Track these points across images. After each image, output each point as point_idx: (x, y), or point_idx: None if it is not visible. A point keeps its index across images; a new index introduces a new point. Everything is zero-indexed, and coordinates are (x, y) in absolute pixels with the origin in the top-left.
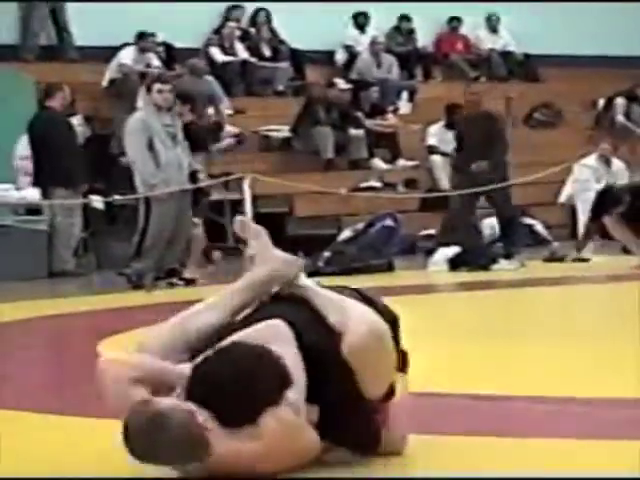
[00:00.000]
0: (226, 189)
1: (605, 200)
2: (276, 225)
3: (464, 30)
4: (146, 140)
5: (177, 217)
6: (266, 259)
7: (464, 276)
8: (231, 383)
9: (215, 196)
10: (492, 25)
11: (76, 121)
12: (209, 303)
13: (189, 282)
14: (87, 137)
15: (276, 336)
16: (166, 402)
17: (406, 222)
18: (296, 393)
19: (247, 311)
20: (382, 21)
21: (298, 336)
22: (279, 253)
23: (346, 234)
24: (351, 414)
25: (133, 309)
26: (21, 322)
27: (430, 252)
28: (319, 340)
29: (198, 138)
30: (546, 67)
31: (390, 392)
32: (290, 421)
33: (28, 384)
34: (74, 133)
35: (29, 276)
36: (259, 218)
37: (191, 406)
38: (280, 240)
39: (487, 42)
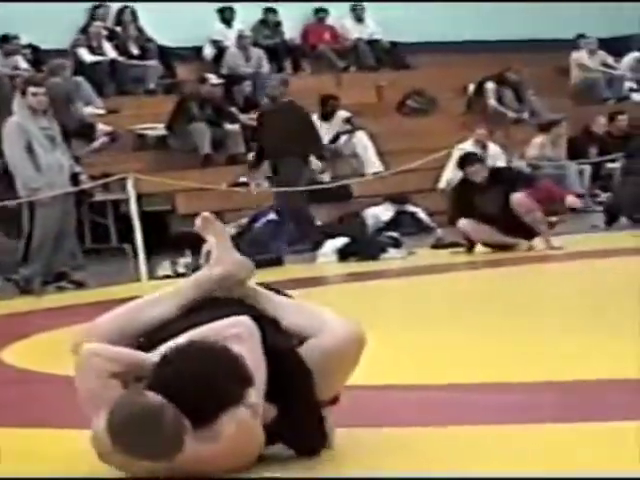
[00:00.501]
0: (107, 190)
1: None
2: (159, 223)
3: (330, 21)
4: (24, 144)
5: (62, 220)
6: (223, 259)
7: (354, 266)
8: (193, 383)
9: (97, 197)
10: (358, 15)
11: None
12: (156, 298)
13: (79, 285)
14: None
15: (240, 335)
16: (156, 397)
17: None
18: (256, 395)
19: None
20: (248, 14)
21: (263, 334)
22: (235, 255)
23: (231, 231)
24: (305, 415)
25: (26, 315)
26: None
27: (315, 244)
28: (279, 340)
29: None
30: (415, 54)
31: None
32: (248, 424)
33: None
34: None
35: None
36: (142, 217)
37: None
38: (164, 238)
39: (354, 32)
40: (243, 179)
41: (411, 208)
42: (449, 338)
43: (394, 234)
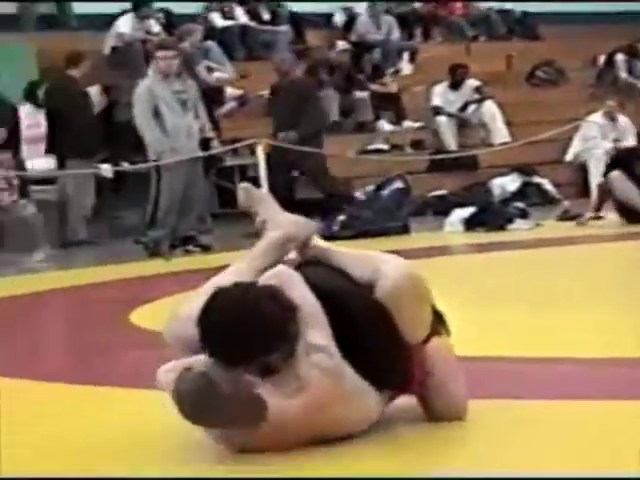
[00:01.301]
0: (235, 154)
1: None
2: (285, 188)
3: None
4: (151, 108)
5: (189, 184)
6: (278, 223)
7: (480, 237)
8: (234, 322)
9: (226, 162)
10: None
11: (94, 91)
12: (235, 270)
13: (205, 248)
14: (103, 107)
15: (284, 279)
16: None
17: (415, 184)
18: (324, 338)
19: None
20: None
21: (315, 287)
22: (289, 216)
23: (358, 197)
24: (389, 356)
25: (153, 278)
26: (43, 294)
27: (441, 212)
28: (340, 289)
29: None
30: (545, 25)
31: (426, 339)
32: (328, 366)
33: (57, 356)
34: (91, 103)
35: (41, 246)
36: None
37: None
38: (291, 204)
39: (485, 1)
40: (371, 146)
41: (537, 179)
42: (577, 315)
43: (521, 205)
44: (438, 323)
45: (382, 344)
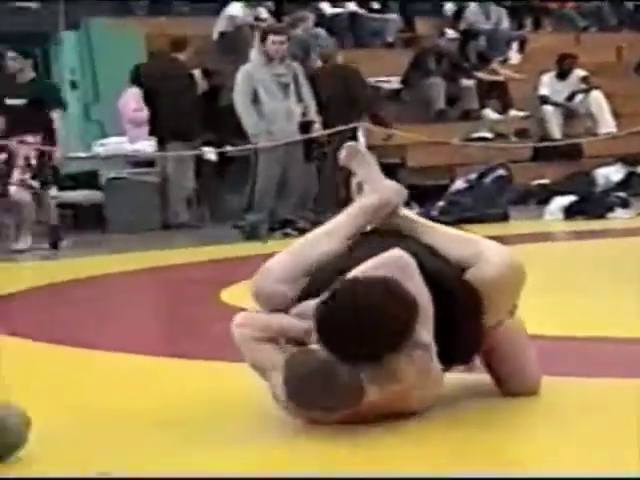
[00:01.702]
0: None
1: None
2: (389, 176)
3: None
4: (250, 91)
5: (286, 168)
6: (376, 187)
7: (580, 225)
8: (364, 316)
9: (326, 147)
10: None
11: (196, 74)
12: (326, 230)
13: (304, 232)
14: (204, 90)
15: (402, 269)
16: (323, 354)
17: (518, 172)
18: (428, 334)
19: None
20: None
21: (421, 266)
22: (387, 182)
23: (459, 184)
24: (469, 337)
25: (249, 259)
26: (141, 272)
27: (542, 201)
28: (442, 269)
29: None
30: None
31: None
32: (426, 364)
33: (154, 331)
34: (195, 86)
35: (143, 228)
36: None
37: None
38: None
39: None
40: (476, 134)
41: None
42: None
43: (622, 194)
44: None
45: (468, 326)
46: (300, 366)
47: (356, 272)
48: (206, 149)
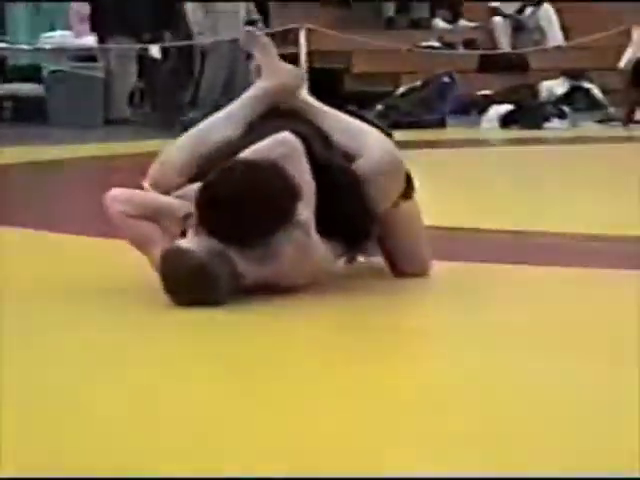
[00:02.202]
0: (284, 43)
1: None
2: (333, 81)
3: None
4: None
5: (231, 66)
6: (274, 70)
7: (514, 133)
8: (244, 199)
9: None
10: None
11: None
12: (225, 115)
13: None
14: None
15: (287, 153)
16: (196, 257)
17: (464, 82)
18: (307, 212)
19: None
20: None
21: (308, 148)
22: (285, 65)
23: (401, 90)
24: (358, 222)
25: None
26: (71, 161)
27: (482, 111)
28: (329, 156)
29: None
30: None
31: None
32: (304, 243)
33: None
34: None
35: (85, 123)
36: (316, 73)
37: (221, 249)
38: (336, 96)
39: None
40: (425, 43)
41: (586, 84)
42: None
43: (563, 107)
44: (407, 187)
45: (356, 213)
46: (172, 269)
47: (243, 155)
48: (150, 46)
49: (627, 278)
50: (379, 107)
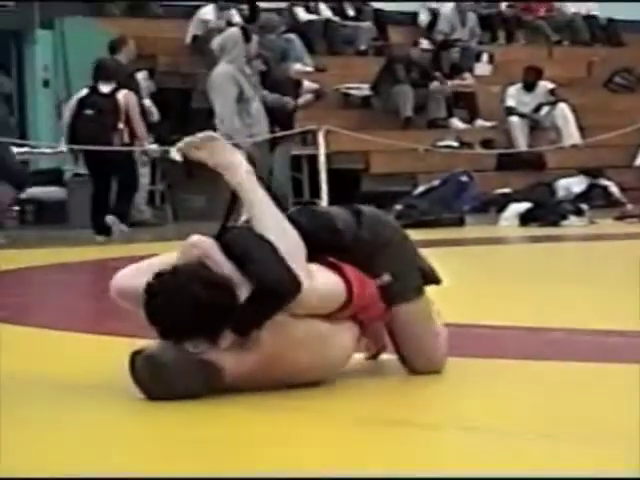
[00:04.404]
0: (304, 144)
1: None
2: (351, 181)
3: None
4: (236, 92)
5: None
6: (233, 161)
7: (534, 231)
8: (182, 316)
9: (293, 151)
10: None
11: (141, 75)
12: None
13: None
14: (151, 92)
15: (204, 254)
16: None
17: (482, 181)
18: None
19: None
20: None
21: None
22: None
23: (420, 189)
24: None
25: None
26: (89, 263)
27: (501, 209)
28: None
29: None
30: (629, 32)
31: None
32: (282, 324)
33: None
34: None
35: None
36: (334, 174)
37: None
38: (354, 196)
39: (571, 6)
40: (442, 143)
41: (604, 182)
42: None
43: (582, 205)
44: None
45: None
46: (136, 372)
47: (171, 257)
48: (174, 149)
49: None
50: (398, 207)
